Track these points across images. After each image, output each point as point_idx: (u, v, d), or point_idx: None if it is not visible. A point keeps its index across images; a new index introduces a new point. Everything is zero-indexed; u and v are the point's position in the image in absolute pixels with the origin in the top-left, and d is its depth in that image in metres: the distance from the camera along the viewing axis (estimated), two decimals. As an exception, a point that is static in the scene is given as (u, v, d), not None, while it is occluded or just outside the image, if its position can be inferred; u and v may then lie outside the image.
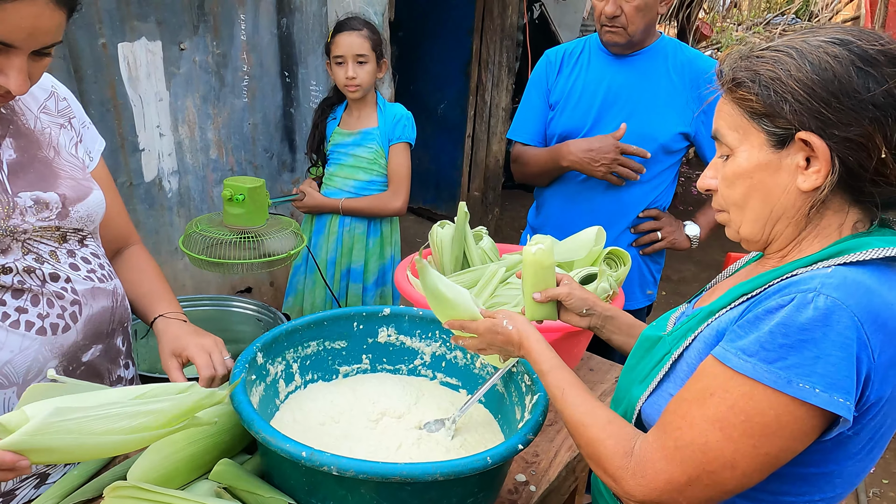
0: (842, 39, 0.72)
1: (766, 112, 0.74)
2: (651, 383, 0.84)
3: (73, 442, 0.72)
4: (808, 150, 0.73)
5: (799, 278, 0.72)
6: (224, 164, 2.54)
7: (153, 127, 2.26)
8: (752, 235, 0.81)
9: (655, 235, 1.84)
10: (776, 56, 0.74)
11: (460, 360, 1.25)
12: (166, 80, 2.24)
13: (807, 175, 0.74)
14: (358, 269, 2.11)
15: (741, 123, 0.77)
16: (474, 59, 4.27)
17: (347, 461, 0.81)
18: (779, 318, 0.68)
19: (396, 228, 2.17)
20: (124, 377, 1.09)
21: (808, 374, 0.66)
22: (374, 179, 2.06)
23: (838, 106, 0.70)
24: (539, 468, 1.17)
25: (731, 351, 0.71)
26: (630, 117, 1.75)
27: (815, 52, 0.72)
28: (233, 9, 2.37)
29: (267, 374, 1.12)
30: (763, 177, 0.77)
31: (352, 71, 1.93)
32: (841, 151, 0.71)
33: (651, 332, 0.93)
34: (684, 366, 0.81)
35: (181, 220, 2.44)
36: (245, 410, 0.91)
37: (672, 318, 0.95)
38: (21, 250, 0.91)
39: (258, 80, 2.54)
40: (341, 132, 2.07)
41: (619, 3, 1.64)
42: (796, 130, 0.72)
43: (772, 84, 0.73)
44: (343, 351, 1.25)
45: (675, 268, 4.47)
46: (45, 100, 1.01)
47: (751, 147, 0.77)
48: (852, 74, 0.70)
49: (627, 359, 0.97)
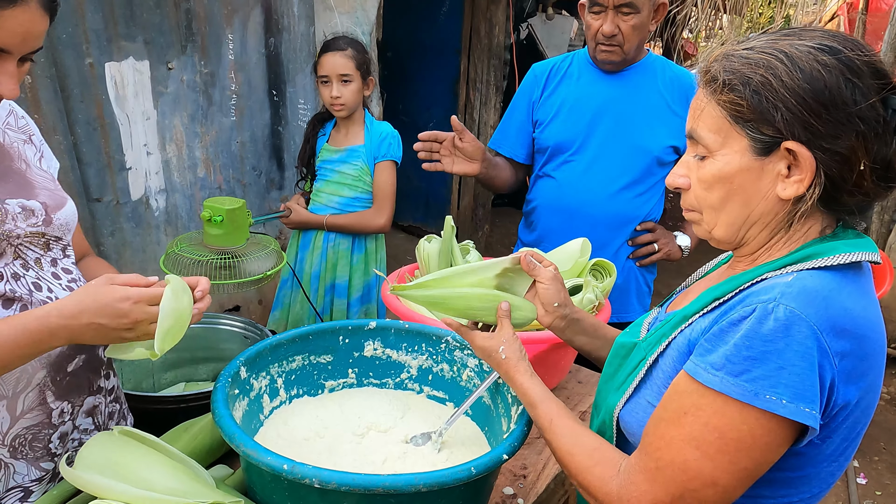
0: (830, 47, 0.71)
1: (755, 118, 0.73)
2: (627, 390, 0.84)
3: None
4: (790, 159, 0.72)
5: (760, 287, 0.72)
6: (212, 183, 2.54)
7: (140, 146, 2.26)
8: (725, 237, 0.81)
9: (652, 247, 1.85)
10: (765, 60, 0.72)
11: (447, 372, 1.24)
12: (154, 98, 2.25)
13: (787, 183, 0.73)
14: (342, 285, 2.11)
15: (723, 126, 0.76)
16: (462, 78, 4.33)
17: (329, 473, 0.80)
18: (742, 331, 0.69)
19: (382, 246, 2.18)
20: (104, 387, 1.08)
21: (774, 386, 0.66)
22: (358, 196, 2.08)
23: (828, 118, 0.70)
24: (527, 481, 1.16)
25: (700, 365, 0.71)
26: (623, 130, 1.77)
27: (805, 59, 0.71)
28: (221, 28, 2.39)
29: (251, 388, 1.11)
30: (743, 182, 0.76)
31: (336, 90, 1.96)
32: (826, 163, 0.71)
33: (626, 339, 0.92)
34: (660, 373, 0.81)
35: (168, 239, 2.43)
36: (227, 425, 0.90)
37: (645, 324, 0.95)
38: (12, 255, 0.92)
39: (246, 98, 2.55)
40: (329, 148, 2.09)
41: (616, 21, 1.66)
42: (784, 139, 0.72)
43: (763, 90, 0.72)
44: (329, 365, 1.24)
45: (666, 282, 4.48)
46: (7, 116, 1.03)
47: (732, 151, 0.75)
48: (842, 86, 0.69)
49: (605, 367, 0.97)
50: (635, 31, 1.68)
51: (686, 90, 1.77)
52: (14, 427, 0.95)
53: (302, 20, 2.67)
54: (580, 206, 1.82)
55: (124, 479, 0.90)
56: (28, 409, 0.96)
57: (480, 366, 1.18)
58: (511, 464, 1.20)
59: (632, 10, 1.64)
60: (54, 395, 0.98)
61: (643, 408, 0.82)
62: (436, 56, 4.39)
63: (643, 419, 0.81)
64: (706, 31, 6.06)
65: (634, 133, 1.77)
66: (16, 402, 0.94)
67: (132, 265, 2.32)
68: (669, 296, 1.00)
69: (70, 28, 1.95)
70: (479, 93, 4.29)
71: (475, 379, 1.20)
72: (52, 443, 1.00)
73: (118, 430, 0.98)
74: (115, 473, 0.91)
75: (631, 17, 1.65)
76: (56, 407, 0.99)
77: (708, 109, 0.77)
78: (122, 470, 0.92)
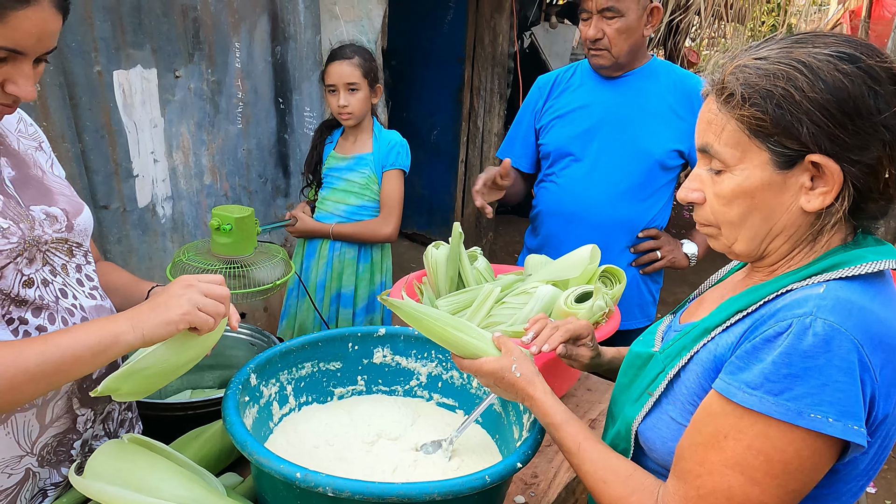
0: (849, 55, 0.69)
1: (778, 132, 0.70)
2: (646, 404, 0.82)
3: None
4: (814, 171, 0.70)
5: (792, 300, 0.70)
6: (218, 190, 2.55)
7: (147, 153, 2.26)
8: (746, 252, 0.79)
9: (655, 255, 1.84)
10: (784, 71, 0.70)
11: (457, 380, 1.23)
12: (161, 106, 2.26)
13: (812, 196, 0.71)
14: (348, 294, 2.11)
15: (741, 140, 0.73)
16: (466, 86, 4.34)
17: (343, 481, 0.79)
18: (781, 348, 0.66)
19: (388, 255, 2.17)
20: None
21: (818, 404, 0.64)
22: (364, 204, 2.07)
23: (854, 129, 0.68)
24: (538, 489, 1.15)
25: (734, 385, 0.69)
26: (624, 134, 1.77)
27: (826, 69, 0.68)
28: (227, 37, 2.40)
29: (260, 395, 1.10)
30: (765, 196, 0.73)
31: (343, 99, 1.96)
32: (854, 175, 0.69)
33: (641, 349, 0.90)
34: (682, 388, 0.79)
35: (174, 246, 2.43)
36: (238, 432, 0.89)
37: (659, 333, 0.92)
38: (41, 261, 0.93)
39: (252, 106, 2.56)
40: (336, 156, 2.09)
41: (600, 26, 1.68)
42: (809, 152, 0.70)
43: (786, 104, 0.69)
44: (338, 372, 1.24)
45: (672, 290, 4.47)
46: (17, 124, 1.03)
47: (752, 166, 0.73)
48: (865, 94, 0.68)
49: (619, 376, 0.95)
50: (621, 35, 1.69)
51: (690, 93, 1.77)
52: (43, 436, 0.95)
53: (308, 29, 2.68)
54: (581, 210, 1.81)
55: (134, 487, 0.90)
56: (56, 418, 0.96)
57: (491, 373, 1.17)
58: (522, 472, 1.19)
59: (615, 14, 1.66)
60: (80, 402, 0.99)
61: (665, 423, 0.80)
62: (440, 64, 4.41)
63: (665, 434, 0.79)
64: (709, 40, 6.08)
65: (636, 137, 1.77)
66: (45, 409, 0.94)
67: (138, 272, 2.31)
68: (682, 303, 0.99)
69: (79, 36, 1.96)
70: (482, 101, 4.30)
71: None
72: (73, 449, 1.00)
73: (128, 438, 0.97)
74: (124, 482, 0.90)
75: (615, 20, 1.67)
76: (82, 414, 0.99)
77: (723, 124, 0.74)
78: (132, 478, 0.91)
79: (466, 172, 4.56)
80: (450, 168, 4.59)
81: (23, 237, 0.88)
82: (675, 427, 0.78)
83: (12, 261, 0.87)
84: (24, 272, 0.89)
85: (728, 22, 4.62)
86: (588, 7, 1.68)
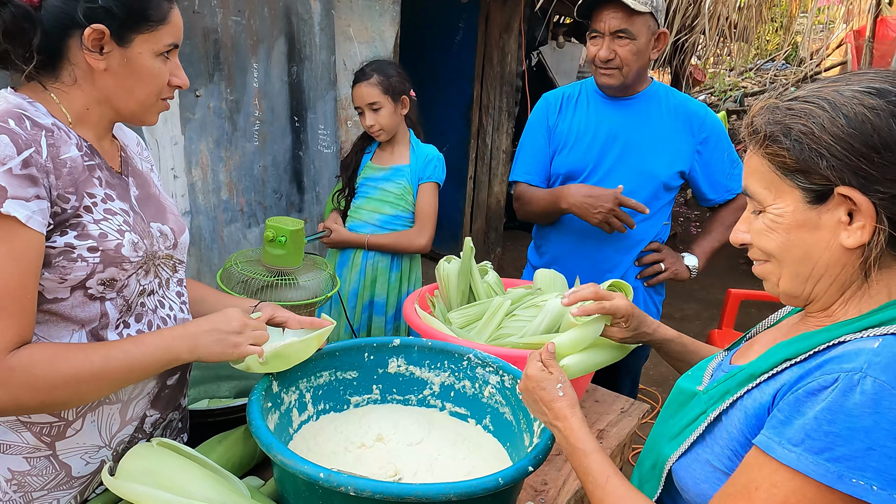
0: (879, 89, 0.69)
1: (800, 168, 0.71)
2: (683, 443, 0.80)
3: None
4: (849, 204, 0.70)
5: (843, 352, 0.67)
6: (234, 205, 2.62)
7: (168, 169, 2.34)
8: (791, 291, 0.77)
9: (659, 267, 1.88)
10: (807, 109, 0.71)
11: (468, 389, 1.28)
12: (182, 124, 2.34)
13: (851, 231, 0.70)
14: (381, 302, 2.14)
15: (773, 180, 0.74)
16: (475, 105, 4.42)
17: (364, 481, 0.84)
18: (824, 403, 0.63)
19: (418, 265, 2.21)
20: (181, 405, 1.16)
21: (862, 469, 0.61)
22: (399, 214, 2.11)
23: (881, 162, 0.67)
24: (548, 496, 1.19)
25: (773, 439, 0.66)
26: (631, 156, 1.82)
27: (849, 104, 0.69)
28: (246, 58, 2.48)
29: (281, 402, 1.15)
30: (801, 234, 0.73)
31: (369, 119, 2.02)
32: (887, 207, 0.68)
33: (687, 385, 0.89)
34: (723, 432, 0.77)
35: (192, 259, 2.50)
36: (263, 435, 0.94)
37: (709, 370, 0.90)
38: (153, 274, 1.02)
39: (269, 124, 2.64)
40: (373, 166, 2.14)
41: (612, 47, 1.72)
42: (835, 185, 0.69)
43: (804, 138, 0.70)
44: (354, 381, 1.28)
45: (678, 306, 4.49)
46: (137, 146, 1.14)
47: (785, 204, 0.74)
48: (893, 127, 0.67)
49: (662, 408, 0.94)
50: (633, 56, 1.73)
51: (689, 116, 1.83)
52: (121, 432, 1.02)
53: (323, 49, 2.76)
54: (589, 229, 1.86)
55: (164, 488, 0.94)
56: (135, 417, 1.03)
57: (502, 382, 1.22)
58: (532, 479, 1.22)
59: (628, 37, 1.70)
60: (152, 404, 1.06)
61: (700, 465, 0.78)
62: (450, 83, 4.50)
63: (699, 476, 0.78)
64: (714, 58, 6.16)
65: (642, 159, 1.82)
66: (128, 407, 1.02)
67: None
68: (737, 342, 0.96)
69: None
70: (491, 119, 4.38)
71: (497, 395, 1.23)
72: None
73: (157, 442, 1.02)
74: (155, 483, 0.95)
75: (627, 43, 1.71)
76: (151, 415, 1.06)
77: (755, 164, 0.76)
78: (162, 480, 0.96)
79: (475, 189, 4.63)
80: (459, 184, 4.66)
81: (146, 251, 0.98)
82: (710, 471, 0.77)
83: (135, 271, 0.97)
84: (140, 283, 0.99)
85: (733, 41, 4.70)
86: (600, 28, 1.71)
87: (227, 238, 2.61)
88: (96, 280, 0.92)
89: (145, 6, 0.91)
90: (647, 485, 0.87)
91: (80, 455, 0.99)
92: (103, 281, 0.92)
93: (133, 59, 0.92)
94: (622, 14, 1.67)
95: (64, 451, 0.97)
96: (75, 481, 0.99)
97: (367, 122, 2.02)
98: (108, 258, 0.91)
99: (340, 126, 2.98)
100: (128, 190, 1.01)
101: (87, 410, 0.97)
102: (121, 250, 0.93)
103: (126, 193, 1.00)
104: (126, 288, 0.96)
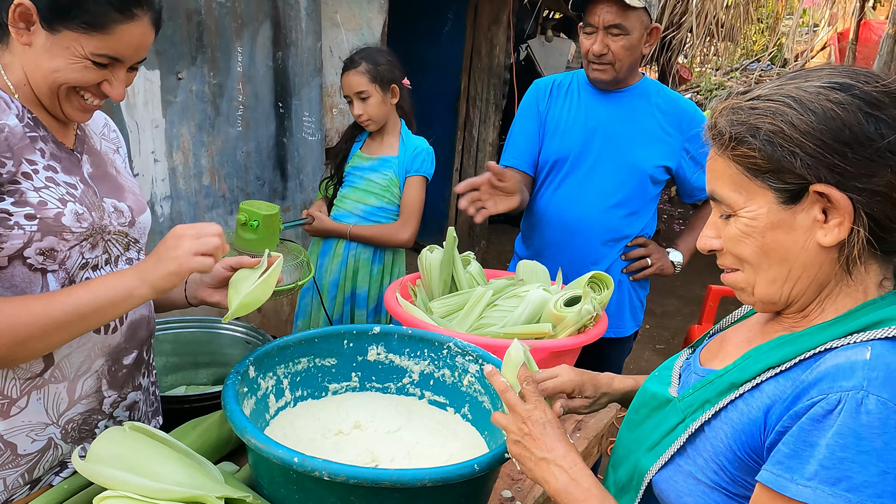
0: (841, 84, 0.68)
1: (773, 168, 0.69)
2: (663, 455, 0.78)
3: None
4: (823, 202, 0.68)
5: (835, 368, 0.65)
6: (216, 191, 2.58)
7: (148, 153, 2.30)
8: (769, 297, 0.75)
9: (645, 262, 1.90)
10: (773, 107, 0.69)
11: (448, 378, 1.27)
12: (163, 107, 2.30)
13: (827, 229, 0.69)
14: (363, 295, 2.12)
15: (742, 182, 0.72)
16: (462, 96, 4.41)
17: (339, 466, 0.83)
18: (833, 430, 0.61)
19: (401, 260, 2.17)
20: (143, 384, 1.15)
21: (880, 495, 0.59)
22: (384, 206, 2.08)
23: (855, 157, 0.66)
24: (525, 485, 1.19)
25: (784, 476, 0.63)
26: (617, 148, 1.82)
27: (815, 100, 0.67)
28: (230, 41, 2.45)
29: (258, 388, 1.14)
30: (776, 236, 0.71)
31: (358, 108, 1.99)
32: (865, 203, 0.66)
33: (656, 389, 0.85)
34: (706, 444, 0.74)
35: (171, 245, 2.46)
36: (238, 419, 0.92)
37: (675, 370, 0.88)
38: (102, 248, 1.02)
39: (252, 110, 2.61)
40: (361, 156, 2.11)
41: (606, 42, 1.72)
42: (810, 183, 0.68)
43: (774, 138, 0.68)
44: (333, 368, 1.27)
45: (659, 301, 4.53)
46: (103, 127, 1.15)
47: (758, 206, 0.71)
48: (862, 121, 0.66)
49: (630, 411, 0.90)
50: (625, 52, 1.73)
51: (678, 113, 1.84)
52: (70, 411, 1.01)
53: (309, 35, 2.73)
54: (575, 221, 1.86)
55: (135, 472, 0.93)
56: (85, 395, 1.03)
57: (481, 372, 1.22)
58: (509, 467, 1.23)
59: (621, 32, 1.70)
60: (108, 384, 1.05)
61: (683, 478, 0.76)
62: (437, 74, 4.48)
63: (682, 489, 0.76)
64: (701, 57, 6.21)
65: (628, 152, 1.83)
66: (76, 384, 1.01)
67: (135, 270, 2.34)
68: (701, 339, 0.93)
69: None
70: (478, 110, 4.37)
71: (476, 384, 1.23)
72: (98, 429, 1.06)
73: (129, 426, 1.01)
74: (126, 467, 0.94)
75: (621, 37, 1.71)
76: (108, 396, 1.06)
77: (722, 167, 0.73)
78: (133, 464, 0.94)
79: (461, 180, 4.61)
80: (445, 176, 4.65)
81: (93, 224, 0.98)
82: (694, 484, 0.75)
83: (79, 243, 0.97)
84: (85, 255, 0.98)
85: (720, 40, 4.73)
86: (594, 22, 1.71)
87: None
88: (34, 249, 0.92)
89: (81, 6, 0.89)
90: (626, 496, 0.85)
91: (26, 433, 0.98)
92: (42, 251, 0.93)
93: (54, 48, 0.91)
94: (616, 9, 1.67)
95: (8, 431, 0.97)
96: (21, 459, 0.99)
97: (356, 112, 2.00)
98: (46, 227, 0.92)
99: (326, 114, 2.95)
100: (78, 166, 1.02)
101: (32, 388, 0.97)
102: (61, 219, 0.93)
103: (75, 168, 1.01)
104: (68, 259, 0.96)
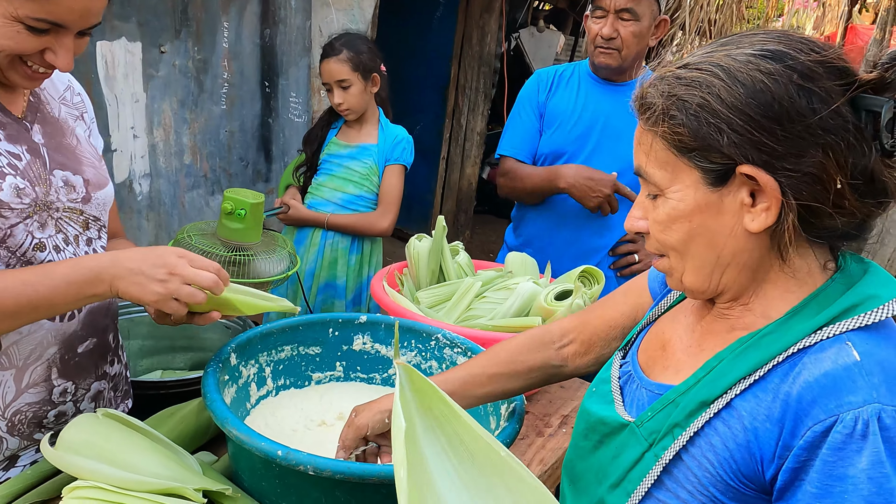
0: (773, 52, 0.61)
1: (699, 146, 0.63)
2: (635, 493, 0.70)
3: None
4: (751, 185, 0.63)
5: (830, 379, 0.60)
6: (198, 170, 2.51)
7: (127, 128, 2.22)
8: (697, 285, 0.70)
9: (633, 258, 1.88)
10: (700, 77, 0.63)
11: (435, 370, 1.25)
12: (144, 81, 2.22)
13: (754, 213, 0.63)
14: (341, 285, 2.08)
15: (669, 159, 0.66)
16: (452, 84, 4.35)
17: (324, 461, 0.80)
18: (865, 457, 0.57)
19: (379, 249, 2.15)
20: (109, 373, 1.08)
21: None
22: (362, 195, 2.04)
23: (784, 134, 0.60)
24: (510, 481, 1.17)
25: None
26: (615, 142, 1.80)
27: (745, 70, 0.61)
28: (216, 16, 2.36)
29: (239, 375, 1.10)
30: (703, 219, 0.65)
31: (338, 97, 1.94)
32: (793, 186, 0.61)
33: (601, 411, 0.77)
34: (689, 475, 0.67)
35: (150, 224, 2.39)
36: (219, 409, 0.89)
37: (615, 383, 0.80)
38: (54, 228, 0.94)
39: (238, 88, 2.53)
40: (338, 143, 2.05)
41: (616, 26, 1.69)
42: (736, 164, 0.62)
43: (701, 112, 0.62)
44: (317, 357, 1.24)
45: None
46: (64, 91, 1.05)
47: (684, 187, 0.66)
48: (794, 95, 0.60)
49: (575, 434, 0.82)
50: (634, 38, 1.70)
51: None
52: (17, 401, 0.94)
53: (298, 13, 2.66)
54: (566, 212, 1.84)
55: (107, 461, 0.88)
56: (33, 384, 0.95)
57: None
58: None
59: (632, 17, 1.67)
60: (59, 372, 0.98)
61: None
62: (427, 61, 4.41)
63: None
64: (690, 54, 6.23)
65: (626, 146, 1.80)
66: (23, 373, 0.94)
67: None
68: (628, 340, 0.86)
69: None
70: (467, 99, 4.32)
71: (464, 377, 1.20)
72: (46, 418, 0.99)
73: (101, 413, 0.96)
74: (98, 455, 0.89)
75: (631, 23, 1.68)
76: (59, 385, 0.99)
77: (649, 141, 0.68)
78: (106, 453, 0.90)
79: (447, 169, 4.58)
80: (431, 165, 4.60)
81: (36, 199, 0.90)
82: None
83: (22, 221, 0.88)
84: (35, 235, 0.91)
85: (711, 39, 4.74)
86: (605, 5, 1.67)
87: (189, 204, 2.50)
88: None
89: None
90: None
91: None
92: None
93: None
94: None
95: None
96: None
97: (336, 101, 1.94)
98: None
99: (313, 95, 2.88)
100: (27, 134, 0.93)
101: None
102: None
103: (22, 137, 0.92)
104: (10, 238, 0.88)
